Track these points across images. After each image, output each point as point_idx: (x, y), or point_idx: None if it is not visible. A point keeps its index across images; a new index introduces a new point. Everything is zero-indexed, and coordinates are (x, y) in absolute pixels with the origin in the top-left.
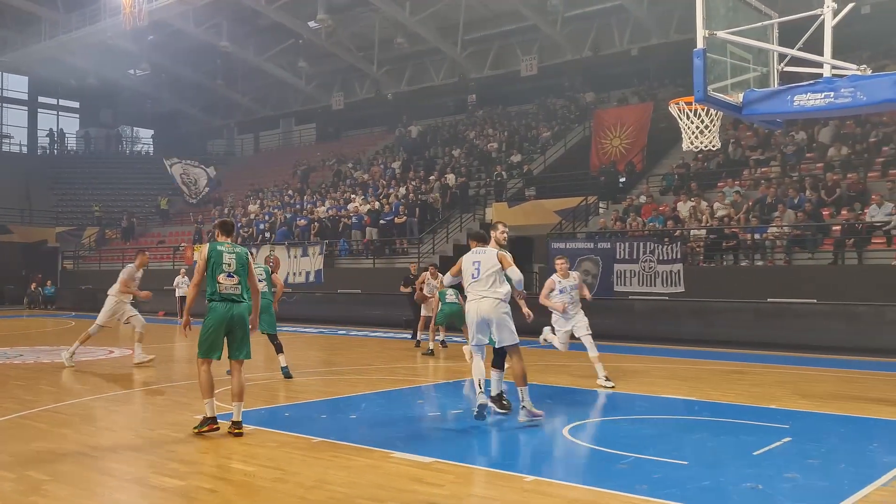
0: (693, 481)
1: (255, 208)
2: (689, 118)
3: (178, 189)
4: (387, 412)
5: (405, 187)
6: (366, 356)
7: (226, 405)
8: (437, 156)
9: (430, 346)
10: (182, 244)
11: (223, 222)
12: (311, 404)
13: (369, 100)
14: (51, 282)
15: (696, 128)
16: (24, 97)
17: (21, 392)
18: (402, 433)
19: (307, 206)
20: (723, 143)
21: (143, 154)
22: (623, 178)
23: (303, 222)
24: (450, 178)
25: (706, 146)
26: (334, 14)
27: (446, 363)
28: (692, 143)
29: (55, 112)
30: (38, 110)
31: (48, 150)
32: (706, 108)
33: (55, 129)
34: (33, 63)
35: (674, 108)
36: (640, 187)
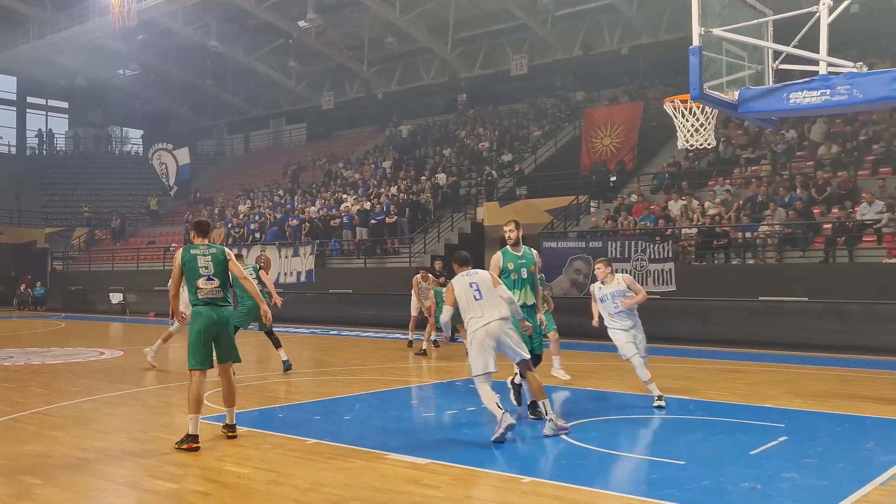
0: (692, 481)
1: (246, 208)
2: (684, 116)
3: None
4: (381, 413)
5: (396, 187)
6: (358, 356)
7: (217, 406)
8: (428, 155)
9: (424, 346)
10: (172, 244)
11: (198, 222)
12: (304, 405)
13: (359, 99)
14: (40, 283)
15: (692, 126)
16: (13, 97)
17: (12, 394)
18: (397, 434)
19: (298, 206)
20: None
21: (133, 154)
22: (614, 177)
23: (294, 222)
24: (441, 178)
25: (702, 144)
26: (324, 13)
27: (439, 363)
28: (688, 142)
29: (44, 112)
30: (27, 111)
31: (37, 151)
32: (701, 106)
33: (44, 130)
34: (22, 63)
35: (669, 107)
36: (631, 186)
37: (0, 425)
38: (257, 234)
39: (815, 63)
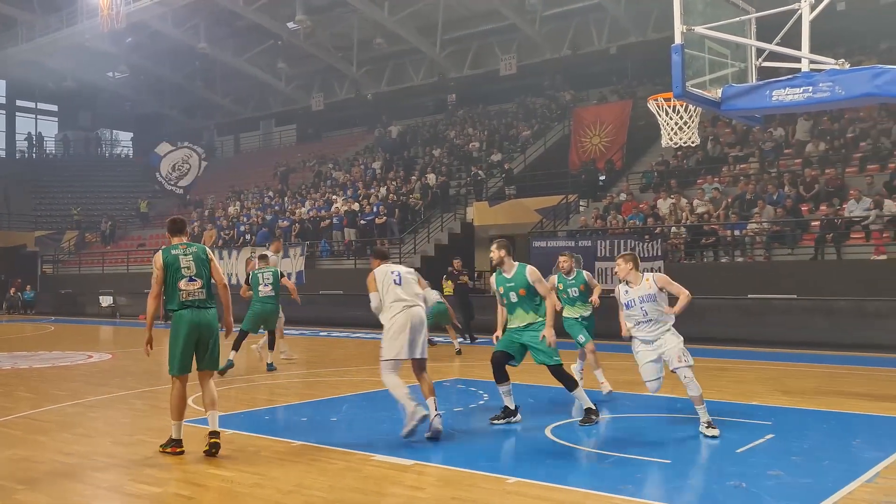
0: (677, 480)
1: (236, 210)
2: (667, 114)
3: (165, 180)
4: (368, 414)
5: (385, 187)
6: (348, 357)
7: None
8: (418, 156)
9: (456, 345)
10: (162, 247)
11: (172, 220)
12: (291, 407)
13: (349, 100)
14: (30, 286)
15: (675, 124)
16: (2, 101)
17: None
18: (383, 435)
19: (288, 207)
20: (701, 140)
21: (123, 157)
22: (603, 176)
23: (284, 223)
24: (430, 178)
25: (685, 142)
26: (313, 15)
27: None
28: (671, 140)
29: (33, 115)
30: (17, 114)
31: (27, 154)
32: (685, 105)
33: (33, 133)
34: (10, 66)
35: (652, 105)
36: (619, 185)
37: None
38: (248, 236)
39: (799, 60)
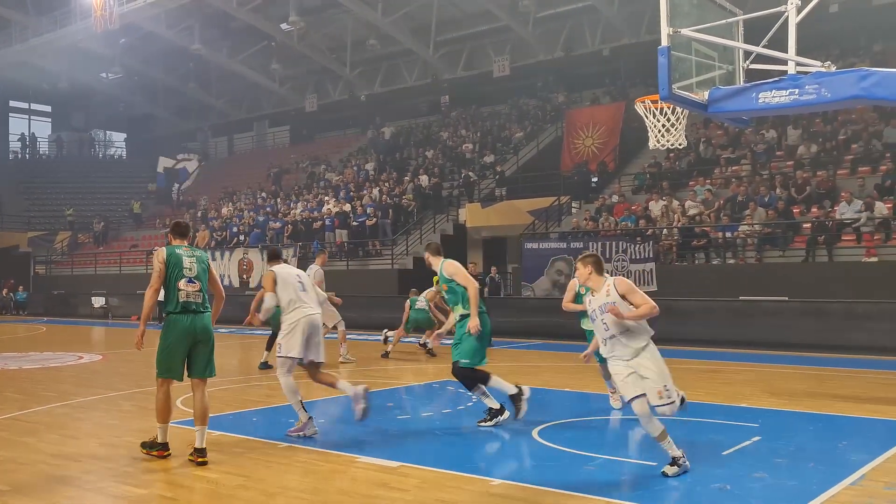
0: (662, 482)
1: (229, 211)
2: (654, 116)
3: (163, 186)
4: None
5: (378, 189)
6: (337, 359)
7: (190, 409)
8: (411, 157)
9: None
10: (155, 248)
11: (177, 223)
12: (279, 409)
13: (343, 101)
14: (22, 287)
15: (663, 126)
16: None
17: None
18: (369, 437)
19: (280, 208)
20: (694, 142)
21: (116, 158)
22: (595, 178)
23: (277, 225)
24: (423, 180)
25: (672, 144)
26: (306, 16)
27: (418, 366)
28: (658, 142)
29: (27, 116)
30: (10, 115)
31: (20, 155)
32: (672, 107)
33: (27, 134)
34: (4, 67)
35: (640, 107)
36: (612, 187)
37: None
38: (241, 237)
39: (786, 63)
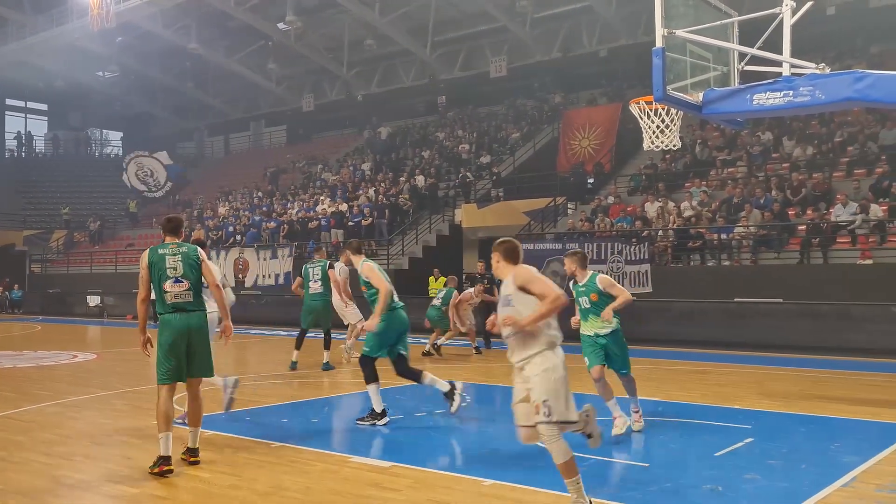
0: (654, 483)
1: (225, 210)
2: (649, 118)
3: (134, 191)
4: (349, 416)
5: (374, 189)
6: (333, 358)
7: (183, 408)
8: (407, 157)
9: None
10: (150, 247)
11: (168, 219)
12: (272, 408)
13: (340, 101)
14: (18, 286)
15: (657, 127)
16: None
17: None
18: (362, 437)
19: (277, 207)
20: (689, 143)
21: (113, 156)
22: (591, 179)
23: (272, 225)
24: (419, 180)
25: (667, 145)
26: (304, 15)
27: (416, 366)
28: (652, 143)
29: (23, 115)
30: (6, 113)
31: (16, 153)
32: (666, 108)
33: (23, 132)
34: (0, 65)
35: (634, 108)
36: (608, 188)
37: None
38: (238, 237)
39: (781, 64)
